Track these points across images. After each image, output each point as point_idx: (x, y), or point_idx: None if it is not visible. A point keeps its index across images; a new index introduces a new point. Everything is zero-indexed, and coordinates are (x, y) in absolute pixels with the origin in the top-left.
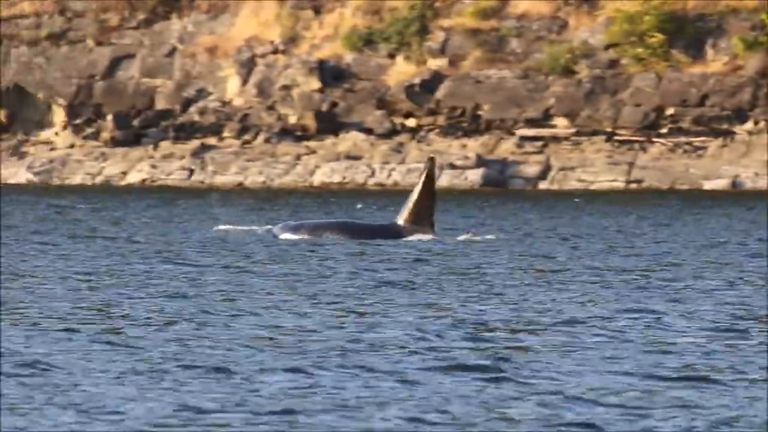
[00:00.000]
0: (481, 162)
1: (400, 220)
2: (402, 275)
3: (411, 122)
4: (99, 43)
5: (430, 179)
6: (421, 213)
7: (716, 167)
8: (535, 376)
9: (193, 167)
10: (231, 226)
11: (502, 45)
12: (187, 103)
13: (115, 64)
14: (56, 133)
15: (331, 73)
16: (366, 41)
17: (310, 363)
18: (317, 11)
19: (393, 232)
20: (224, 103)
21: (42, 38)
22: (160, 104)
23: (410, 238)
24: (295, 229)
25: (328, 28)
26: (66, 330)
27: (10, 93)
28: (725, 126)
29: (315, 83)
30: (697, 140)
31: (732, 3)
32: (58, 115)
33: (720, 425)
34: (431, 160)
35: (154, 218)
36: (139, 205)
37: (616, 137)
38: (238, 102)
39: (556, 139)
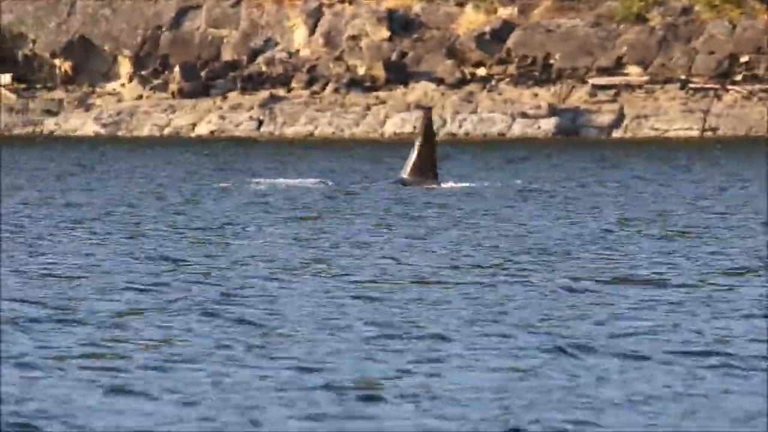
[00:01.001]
0: (553, 111)
1: (404, 174)
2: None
3: (481, 71)
4: None
5: (428, 130)
6: (424, 165)
7: None
8: None
9: (262, 118)
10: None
11: None
12: (254, 54)
13: (181, 14)
14: (122, 85)
15: (399, 23)
16: None
17: None
18: None
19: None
20: (291, 54)
21: None
22: (227, 55)
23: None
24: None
25: None
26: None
27: (76, 45)
28: None
29: (384, 33)
30: None
31: None
32: (124, 67)
33: None
34: (427, 110)
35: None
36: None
37: (690, 85)
38: (305, 52)
39: (629, 87)
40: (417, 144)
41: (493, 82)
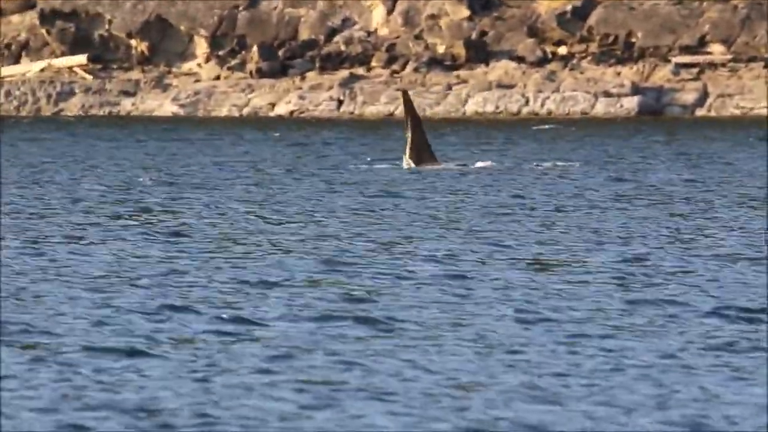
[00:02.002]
0: (636, 90)
1: (406, 163)
2: None
3: (562, 50)
4: None
5: (409, 112)
6: (422, 147)
7: None
8: None
9: (341, 98)
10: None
11: None
12: (331, 33)
13: None
14: (199, 65)
15: (479, 2)
16: None
17: None
18: None
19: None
20: (369, 33)
21: None
22: (304, 34)
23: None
24: None
25: None
26: None
27: (152, 25)
28: None
29: (464, 11)
30: None
31: None
32: (201, 47)
33: None
34: (403, 93)
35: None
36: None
37: None
38: (383, 31)
39: (712, 65)
40: (408, 129)
41: (575, 61)
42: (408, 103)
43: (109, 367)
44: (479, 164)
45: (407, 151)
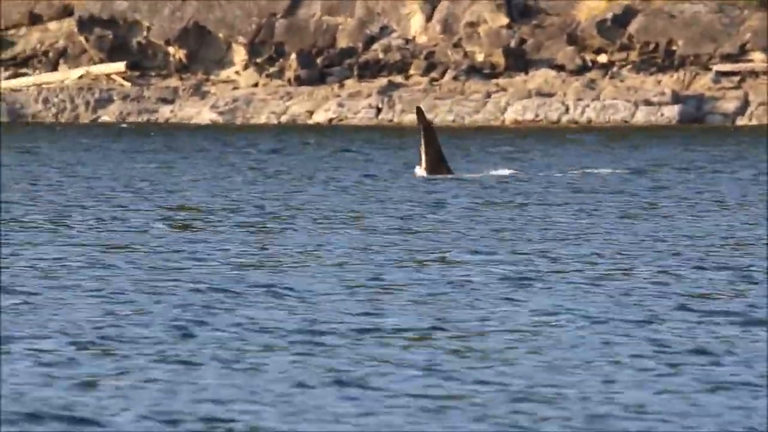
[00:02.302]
0: (676, 98)
1: (420, 172)
2: None
3: (602, 58)
4: None
5: (424, 129)
6: (433, 161)
7: None
8: None
9: (380, 105)
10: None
11: None
12: (370, 41)
13: (296, 1)
14: (237, 72)
15: (518, 9)
16: None
17: None
18: None
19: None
20: (408, 41)
21: None
22: (343, 42)
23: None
24: None
25: None
26: None
27: (190, 32)
28: None
29: (503, 19)
30: None
31: None
32: (239, 54)
33: None
34: (417, 110)
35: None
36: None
37: None
38: (422, 39)
39: (753, 73)
40: (422, 144)
41: (615, 69)
42: (421, 117)
43: None
44: (497, 172)
45: (422, 162)
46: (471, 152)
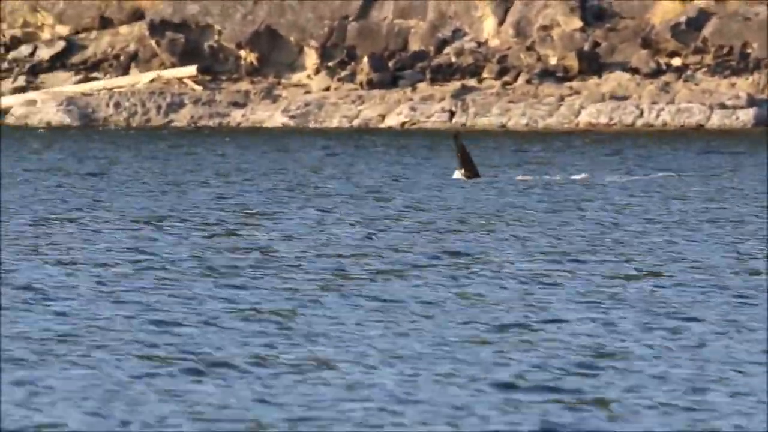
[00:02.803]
0: (752, 101)
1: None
2: None
3: (676, 61)
4: None
5: (461, 154)
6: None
7: None
8: None
9: (453, 109)
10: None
11: None
12: (442, 44)
13: (368, 4)
14: (308, 76)
15: (592, 12)
16: None
17: None
18: None
19: None
20: (480, 44)
21: None
22: (414, 45)
23: None
24: None
25: None
26: None
27: (261, 35)
28: None
29: (576, 22)
30: None
31: None
32: (310, 58)
33: None
34: (455, 137)
35: None
36: None
37: None
38: (494, 43)
39: None
40: (460, 167)
41: (689, 72)
42: (458, 147)
43: None
44: (576, 176)
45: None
46: (544, 155)
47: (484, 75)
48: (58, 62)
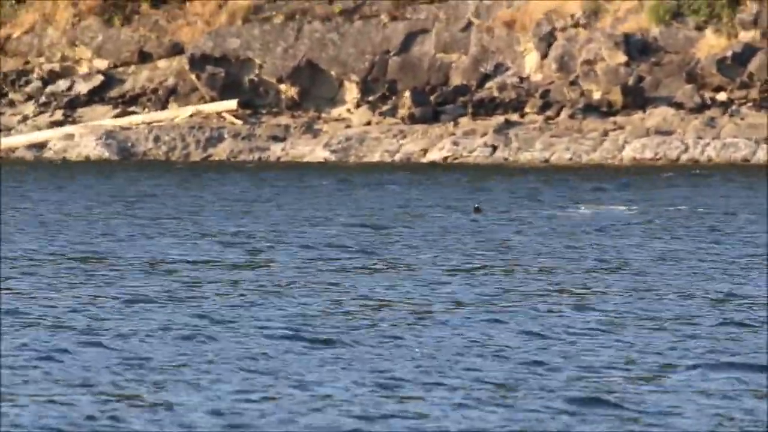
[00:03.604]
0: None
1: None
2: None
3: (721, 96)
4: (393, 18)
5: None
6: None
7: None
8: None
9: (496, 144)
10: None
11: None
12: (484, 79)
13: (409, 39)
14: (348, 110)
15: (636, 47)
16: (673, 14)
17: None
18: None
19: None
20: (522, 79)
21: (335, 14)
22: (456, 80)
23: None
24: None
25: (632, 1)
26: None
27: (302, 70)
28: None
29: (620, 57)
30: None
31: None
32: (351, 92)
33: None
34: (476, 210)
35: None
36: None
37: None
38: (537, 77)
39: None
40: None
41: (735, 107)
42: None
43: None
44: (617, 207)
45: None
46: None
47: (527, 110)
48: (96, 96)
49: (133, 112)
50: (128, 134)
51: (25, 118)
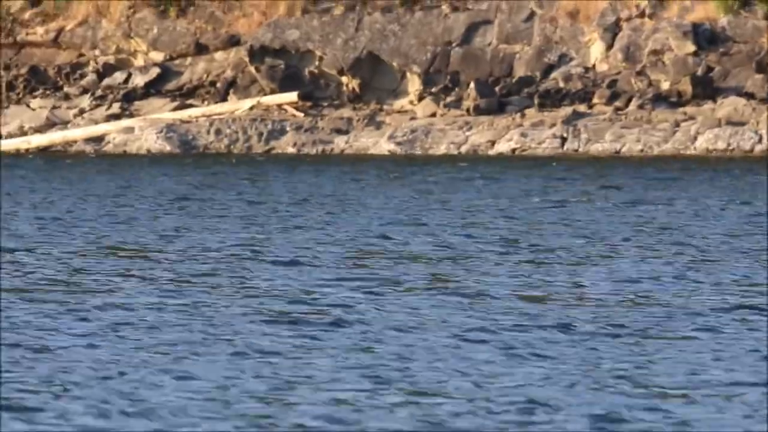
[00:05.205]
0: None
1: None
2: None
3: None
4: (455, 9)
5: None
6: None
7: None
8: None
9: (565, 135)
10: None
11: None
12: (548, 70)
13: (471, 30)
14: (411, 102)
15: (704, 37)
16: (742, 3)
17: None
18: None
19: None
20: (587, 69)
21: (396, 5)
22: (520, 71)
23: None
24: None
25: None
26: None
27: (363, 61)
28: None
29: (689, 47)
30: None
31: None
32: (413, 84)
33: None
34: None
35: None
36: None
37: None
38: (602, 67)
39: None
40: None
41: None
42: None
43: None
44: None
45: None
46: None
47: (595, 100)
48: (152, 89)
49: (191, 105)
50: (189, 127)
51: (81, 112)
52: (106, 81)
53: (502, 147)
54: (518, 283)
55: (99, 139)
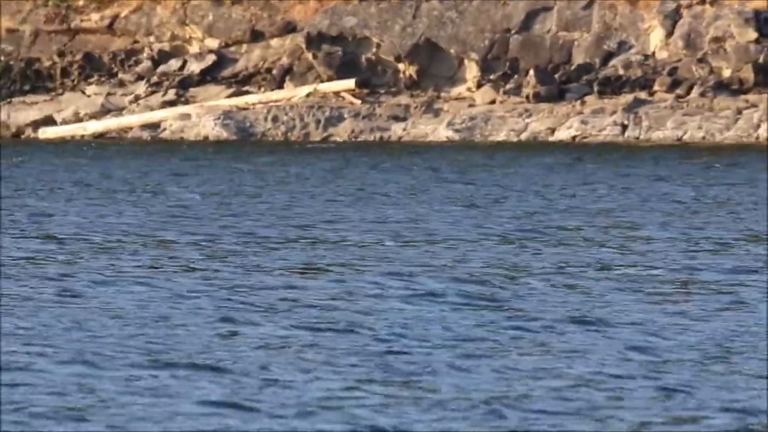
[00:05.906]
0: None
1: None
2: None
3: None
4: None
5: None
6: None
7: None
8: None
9: (626, 123)
10: None
11: None
12: (607, 57)
13: (530, 17)
14: (469, 89)
15: (766, 24)
16: None
17: None
18: None
19: None
20: (647, 56)
21: None
22: (579, 58)
23: None
24: None
25: None
26: None
27: (421, 48)
28: None
29: (751, 34)
30: None
31: None
32: (470, 71)
33: None
34: None
35: None
36: None
37: None
38: (662, 55)
39: None
40: None
41: None
42: None
43: None
44: None
45: None
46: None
47: (655, 88)
48: (208, 76)
49: (247, 92)
50: (246, 114)
51: (136, 98)
52: (162, 68)
53: (562, 134)
54: None
55: (155, 126)
